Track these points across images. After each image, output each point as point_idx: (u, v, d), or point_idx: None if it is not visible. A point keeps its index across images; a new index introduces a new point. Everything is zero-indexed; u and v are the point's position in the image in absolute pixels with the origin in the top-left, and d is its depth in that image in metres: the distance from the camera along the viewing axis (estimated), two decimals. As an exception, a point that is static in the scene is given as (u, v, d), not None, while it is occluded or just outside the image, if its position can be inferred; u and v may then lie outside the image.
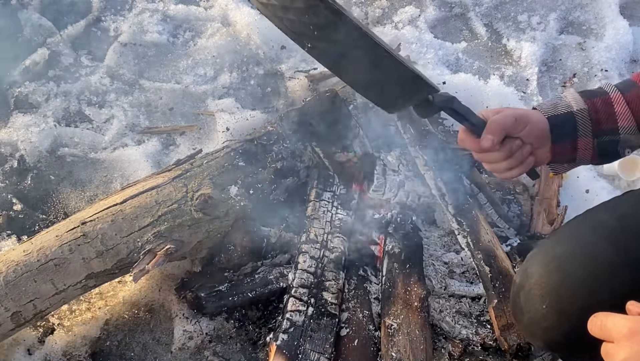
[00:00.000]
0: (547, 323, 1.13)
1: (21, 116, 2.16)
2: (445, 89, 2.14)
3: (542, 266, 1.16)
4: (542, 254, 1.20)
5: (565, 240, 1.20)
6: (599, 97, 1.15)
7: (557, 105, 1.16)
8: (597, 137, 1.15)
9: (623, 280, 1.08)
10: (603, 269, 1.11)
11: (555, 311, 1.12)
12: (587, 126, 1.14)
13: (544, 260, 1.17)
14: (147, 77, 2.29)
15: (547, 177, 1.98)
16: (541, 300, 1.14)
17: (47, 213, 2.00)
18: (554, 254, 1.18)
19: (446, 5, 2.52)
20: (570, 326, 1.10)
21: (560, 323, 1.12)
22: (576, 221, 1.25)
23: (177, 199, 1.65)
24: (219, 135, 2.06)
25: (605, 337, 0.81)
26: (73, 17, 2.42)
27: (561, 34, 2.44)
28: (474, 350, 1.66)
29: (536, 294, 1.15)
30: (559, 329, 1.12)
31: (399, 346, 1.55)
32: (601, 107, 1.14)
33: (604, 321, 0.81)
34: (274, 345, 1.53)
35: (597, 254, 1.12)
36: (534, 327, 1.16)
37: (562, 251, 1.17)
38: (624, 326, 0.78)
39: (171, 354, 1.67)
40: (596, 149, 1.16)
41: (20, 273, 1.51)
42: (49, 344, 1.67)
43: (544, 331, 1.15)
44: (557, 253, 1.18)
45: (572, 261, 1.14)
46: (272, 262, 1.76)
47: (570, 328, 1.10)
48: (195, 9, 2.45)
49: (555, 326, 1.12)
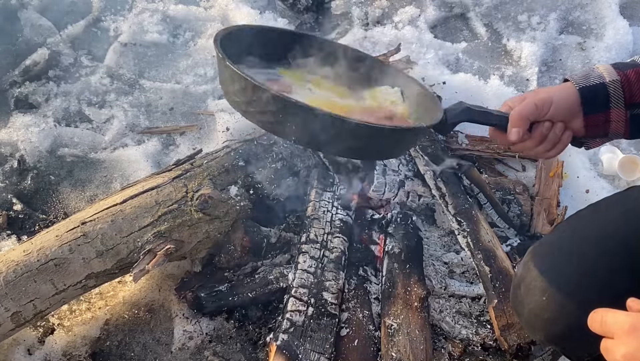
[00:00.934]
0: (547, 315, 1.13)
1: (21, 116, 2.16)
2: (446, 89, 2.15)
3: (544, 260, 1.17)
4: (543, 247, 1.20)
5: (567, 234, 1.21)
6: (632, 68, 1.13)
7: (589, 76, 1.14)
8: (630, 109, 1.13)
9: (624, 276, 1.08)
10: (604, 264, 1.11)
11: (555, 304, 1.12)
12: (620, 97, 1.12)
13: (546, 253, 1.18)
14: (147, 77, 2.29)
15: (547, 177, 1.98)
16: (542, 292, 1.14)
17: (47, 213, 2.00)
18: (555, 248, 1.18)
19: (446, 5, 2.52)
20: (570, 318, 1.10)
21: (561, 315, 1.12)
22: (578, 216, 1.25)
23: (177, 200, 1.65)
24: (219, 135, 2.06)
25: (605, 333, 0.81)
26: (73, 17, 2.42)
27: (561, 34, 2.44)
28: (474, 350, 1.66)
29: (537, 286, 1.15)
30: (559, 321, 1.12)
31: (399, 346, 1.55)
32: (634, 78, 1.12)
33: (604, 317, 0.81)
34: (274, 345, 1.53)
35: (599, 249, 1.12)
36: (535, 319, 1.16)
37: (563, 245, 1.18)
38: (625, 322, 0.78)
39: (171, 354, 1.67)
40: (629, 122, 1.14)
41: (20, 273, 1.51)
42: (49, 344, 1.67)
43: (544, 323, 1.15)
44: (558, 246, 1.18)
45: (573, 255, 1.15)
46: (272, 262, 1.76)
47: (571, 321, 1.10)
48: (195, 9, 2.45)
49: (555, 318, 1.13)
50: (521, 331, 1.58)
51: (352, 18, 2.50)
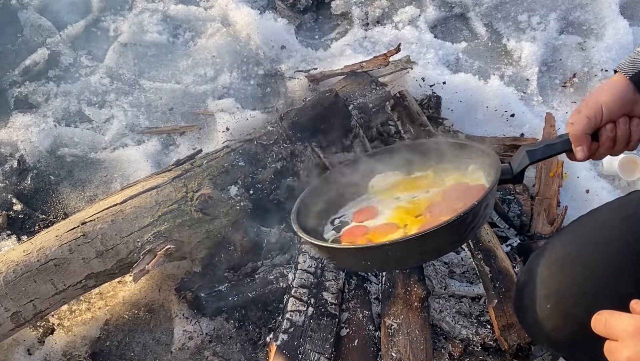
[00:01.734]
0: (551, 324, 1.13)
1: (21, 116, 2.15)
2: (446, 89, 2.15)
3: (547, 267, 1.16)
4: (546, 253, 1.19)
5: (570, 241, 1.20)
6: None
7: (635, 61, 1.15)
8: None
9: (628, 281, 1.08)
10: (607, 270, 1.11)
11: (559, 312, 1.12)
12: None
13: (549, 260, 1.17)
14: (147, 77, 2.29)
15: (547, 177, 1.97)
16: (545, 300, 1.14)
17: (47, 213, 2.00)
18: (558, 254, 1.18)
19: (446, 5, 2.52)
20: (574, 326, 1.10)
21: (565, 324, 1.12)
22: (580, 222, 1.24)
23: (177, 200, 1.65)
24: (219, 135, 2.06)
25: (609, 335, 0.81)
26: (73, 17, 2.42)
27: (561, 34, 2.44)
28: (474, 350, 1.66)
29: (541, 294, 1.15)
30: (563, 329, 1.12)
31: (399, 346, 1.55)
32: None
33: (608, 320, 0.81)
34: (274, 345, 1.53)
35: (602, 255, 1.12)
36: (538, 327, 1.16)
37: (566, 251, 1.17)
38: (629, 325, 0.78)
39: (171, 354, 1.67)
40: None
41: (20, 273, 1.51)
42: (49, 344, 1.67)
43: (548, 332, 1.14)
44: (561, 253, 1.17)
45: (576, 262, 1.14)
46: (272, 262, 1.76)
47: (574, 329, 1.10)
48: (195, 9, 2.45)
49: (559, 327, 1.12)
50: (521, 331, 1.58)
51: (352, 18, 2.50)
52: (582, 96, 2.29)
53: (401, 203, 1.56)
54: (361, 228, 1.51)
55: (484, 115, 2.14)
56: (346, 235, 1.51)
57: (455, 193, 1.51)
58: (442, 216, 1.35)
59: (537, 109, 2.22)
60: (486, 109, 2.15)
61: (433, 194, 1.55)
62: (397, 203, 1.56)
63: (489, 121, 2.14)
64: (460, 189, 1.51)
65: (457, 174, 1.56)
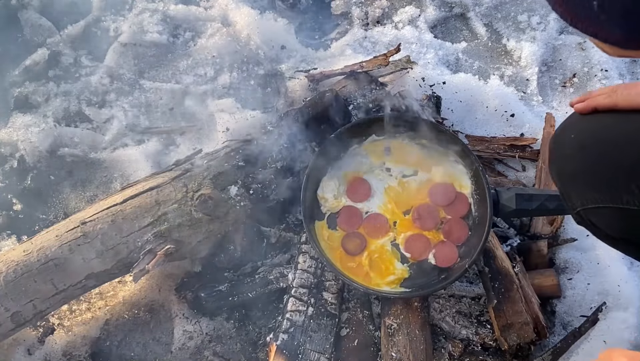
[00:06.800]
0: (566, 151, 1.23)
1: (21, 116, 2.16)
2: (446, 89, 2.15)
3: (577, 120, 1.26)
4: (575, 116, 1.28)
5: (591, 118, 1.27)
6: None
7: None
8: None
9: None
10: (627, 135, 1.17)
11: (577, 142, 1.22)
12: None
13: (578, 118, 1.26)
14: (147, 77, 2.29)
15: (547, 177, 1.97)
16: (572, 136, 1.24)
17: (47, 213, 2.00)
18: (586, 119, 1.25)
19: (446, 5, 2.52)
20: (582, 162, 1.19)
21: (578, 154, 1.21)
22: None
23: (177, 200, 1.65)
24: (219, 135, 2.06)
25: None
26: (73, 17, 2.42)
27: (561, 34, 2.44)
28: (474, 350, 1.66)
29: (568, 134, 1.25)
30: (573, 159, 1.21)
31: (398, 346, 1.55)
32: None
33: None
34: (274, 345, 1.53)
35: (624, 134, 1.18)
36: (555, 149, 1.27)
37: (592, 120, 1.25)
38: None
39: (171, 354, 1.67)
40: None
41: (20, 273, 1.51)
42: (49, 344, 1.67)
43: (561, 158, 1.24)
44: (589, 119, 1.25)
45: (602, 128, 1.22)
46: (272, 262, 1.76)
47: (581, 165, 1.19)
48: (195, 9, 2.45)
49: (573, 155, 1.21)
50: (521, 331, 1.59)
51: (352, 18, 2.49)
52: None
53: (391, 183, 1.79)
54: (355, 213, 1.74)
55: (484, 115, 2.14)
56: (342, 221, 1.73)
57: (442, 199, 1.75)
58: (428, 229, 1.71)
59: (537, 109, 2.21)
60: (486, 109, 2.15)
61: (420, 183, 1.78)
62: (388, 182, 1.79)
63: (489, 121, 2.14)
64: (447, 196, 1.75)
65: (442, 169, 1.79)
